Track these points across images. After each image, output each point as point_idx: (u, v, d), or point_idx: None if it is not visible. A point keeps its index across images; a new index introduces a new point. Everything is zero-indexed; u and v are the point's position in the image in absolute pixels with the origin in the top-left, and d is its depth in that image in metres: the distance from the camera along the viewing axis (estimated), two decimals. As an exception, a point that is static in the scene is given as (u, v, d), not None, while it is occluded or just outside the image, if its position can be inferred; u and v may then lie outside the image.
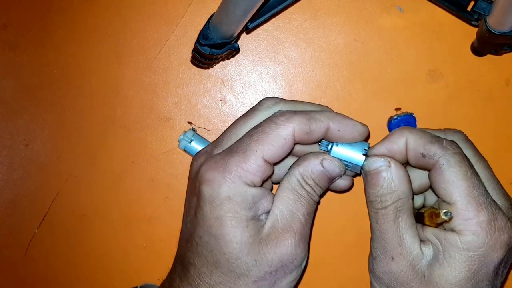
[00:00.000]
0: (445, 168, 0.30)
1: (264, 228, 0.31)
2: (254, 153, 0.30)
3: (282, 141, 0.30)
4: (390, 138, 0.32)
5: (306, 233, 0.32)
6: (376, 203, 0.31)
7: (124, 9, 0.45)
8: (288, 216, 0.31)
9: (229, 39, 0.39)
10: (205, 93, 0.45)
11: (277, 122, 0.31)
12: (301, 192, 0.32)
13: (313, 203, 0.33)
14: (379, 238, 0.31)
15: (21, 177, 0.46)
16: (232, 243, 0.30)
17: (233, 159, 0.30)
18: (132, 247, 0.45)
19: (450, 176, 0.29)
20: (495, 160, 0.44)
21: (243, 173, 0.30)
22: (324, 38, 0.44)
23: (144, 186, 0.45)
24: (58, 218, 0.46)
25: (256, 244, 0.30)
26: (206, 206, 0.30)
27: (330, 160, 0.32)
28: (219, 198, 0.30)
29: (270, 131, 0.31)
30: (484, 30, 0.38)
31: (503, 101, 0.43)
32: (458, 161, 0.30)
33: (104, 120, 0.45)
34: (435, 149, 0.30)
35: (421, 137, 0.31)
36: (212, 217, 0.30)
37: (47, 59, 0.45)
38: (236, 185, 0.30)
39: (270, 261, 0.30)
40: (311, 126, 0.31)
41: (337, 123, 0.32)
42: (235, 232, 0.30)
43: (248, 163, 0.30)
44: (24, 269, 0.46)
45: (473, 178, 0.30)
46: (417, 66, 0.43)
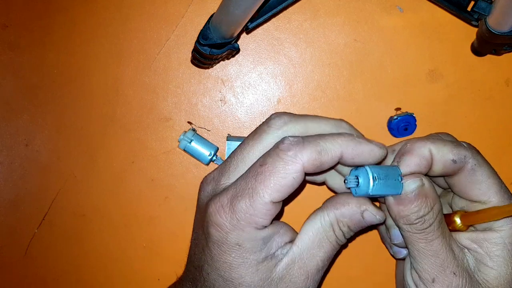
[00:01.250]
0: (477, 168, 0.30)
1: (277, 266, 0.29)
2: (261, 198, 0.28)
3: (291, 180, 0.28)
4: (414, 152, 0.30)
5: (320, 277, 0.31)
6: (421, 224, 0.29)
7: (124, 9, 0.45)
8: (307, 260, 0.30)
9: (229, 39, 0.39)
10: (205, 93, 0.45)
11: (285, 159, 0.28)
12: (329, 237, 0.30)
13: (338, 247, 0.31)
14: (431, 258, 0.29)
15: (21, 177, 0.46)
16: (242, 286, 0.29)
17: (240, 205, 0.28)
18: (132, 247, 0.45)
19: (483, 175, 0.30)
20: (495, 160, 0.44)
21: (252, 219, 0.28)
22: (324, 38, 0.44)
23: (144, 186, 0.45)
24: (58, 218, 0.46)
25: (267, 286, 0.29)
26: (214, 249, 0.29)
27: (372, 212, 0.30)
28: (228, 244, 0.29)
29: (277, 170, 0.28)
30: (484, 30, 0.38)
31: (503, 101, 0.43)
32: (484, 160, 0.31)
33: (104, 120, 0.45)
34: (464, 152, 0.30)
35: (444, 145, 0.30)
36: (221, 261, 0.29)
37: (47, 59, 0.45)
38: (245, 233, 0.28)
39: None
40: (322, 159, 0.28)
41: (351, 150, 0.29)
42: (244, 276, 0.29)
43: (256, 209, 0.28)
44: (24, 269, 0.46)
45: (497, 175, 0.31)
46: (417, 66, 0.43)
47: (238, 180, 0.29)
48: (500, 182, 0.31)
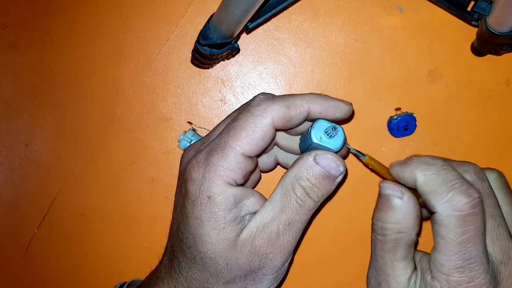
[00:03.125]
0: (437, 225, 0.27)
1: (243, 231, 0.30)
2: (232, 150, 0.29)
3: (261, 133, 0.29)
4: (405, 168, 0.30)
5: (283, 243, 0.30)
6: (377, 228, 0.30)
7: (124, 9, 0.45)
8: (268, 224, 0.30)
9: (229, 39, 0.39)
10: (205, 93, 0.45)
11: (255, 113, 0.29)
12: (290, 197, 0.30)
13: (302, 210, 0.30)
14: (373, 260, 0.31)
15: (21, 177, 0.46)
16: (207, 244, 0.29)
17: (213, 158, 0.29)
18: (132, 247, 0.45)
19: (442, 233, 0.27)
20: (495, 160, 0.44)
21: (223, 172, 0.29)
22: (324, 38, 0.44)
23: (144, 186, 0.45)
24: (58, 218, 0.46)
25: (230, 248, 0.29)
26: (189, 205, 0.30)
27: (322, 154, 0.30)
28: (200, 197, 0.29)
29: (247, 124, 0.29)
30: (484, 30, 0.38)
31: (503, 101, 0.43)
32: (455, 220, 0.27)
33: (104, 120, 0.45)
34: (434, 202, 0.28)
35: (430, 181, 0.28)
36: (193, 216, 0.30)
37: (47, 59, 0.45)
38: (216, 185, 0.29)
39: (240, 266, 0.30)
40: (291, 113, 0.30)
41: (318, 105, 0.31)
42: (211, 233, 0.29)
43: (227, 161, 0.29)
44: (24, 269, 0.46)
45: (468, 243, 0.27)
46: (417, 66, 0.43)
47: (214, 139, 0.31)
48: (464, 251, 0.27)
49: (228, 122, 0.31)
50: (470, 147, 0.44)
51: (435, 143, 0.44)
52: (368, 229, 0.44)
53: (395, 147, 0.44)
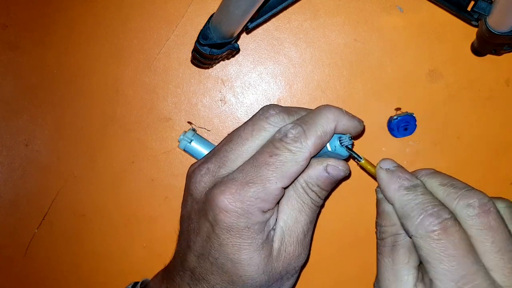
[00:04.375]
0: (418, 249, 0.28)
1: (274, 244, 0.32)
2: (274, 185, 0.30)
3: (300, 168, 0.31)
4: (387, 186, 0.31)
5: (308, 240, 0.33)
6: (377, 232, 0.31)
7: (124, 9, 0.45)
8: (293, 227, 0.32)
9: (229, 39, 0.39)
10: (205, 93, 0.45)
11: (293, 150, 0.30)
12: (305, 200, 0.32)
13: (317, 208, 0.33)
14: (377, 266, 0.31)
15: (21, 177, 0.46)
16: (250, 267, 0.31)
17: (252, 191, 0.30)
18: (132, 247, 0.45)
19: (425, 257, 0.27)
20: (495, 160, 0.44)
21: (261, 204, 0.30)
22: (324, 38, 0.44)
23: (144, 186, 0.45)
24: (58, 218, 0.46)
25: (269, 264, 0.31)
26: (223, 234, 0.31)
27: (334, 165, 0.32)
28: (238, 228, 0.30)
29: (287, 160, 0.30)
30: (484, 30, 0.38)
31: (503, 101, 0.43)
32: (430, 241, 0.27)
33: (104, 120, 0.45)
34: (408, 226, 0.28)
35: (404, 206, 0.29)
36: (230, 244, 0.31)
37: (47, 59, 0.45)
38: (254, 216, 0.30)
39: (279, 273, 0.32)
40: (324, 140, 0.31)
41: (341, 125, 0.32)
42: (252, 257, 0.31)
43: (266, 194, 0.30)
44: (24, 269, 0.46)
45: (452, 261, 0.26)
46: (417, 66, 0.43)
47: (245, 170, 0.31)
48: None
49: (263, 155, 0.31)
50: (470, 147, 0.44)
51: (435, 143, 0.44)
52: (365, 230, 0.44)
53: (395, 147, 0.44)
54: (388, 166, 0.31)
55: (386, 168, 0.31)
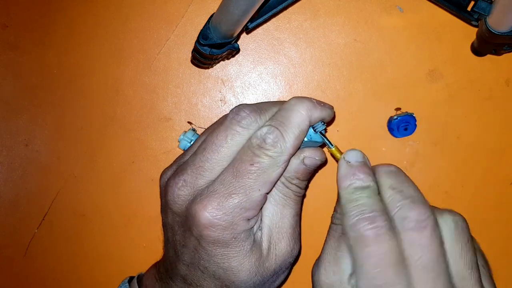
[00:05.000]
0: (350, 247, 0.28)
1: (263, 245, 0.32)
2: (257, 192, 0.30)
3: (281, 170, 0.31)
4: (340, 181, 0.30)
5: (298, 233, 0.33)
6: (332, 216, 0.31)
7: (124, 9, 0.45)
8: (280, 223, 0.32)
9: (229, 39, 0.39)
10: (205, 93, 0.45)
11: (273, 156, 0.30)
12: (287, 194, 0.32)
13: (300, 199, 0.33)
14: (324, 245, 0.31)
15: (21, 177, 0.46)
16: (241, 272, 0.31)
17: (235, 202, 0.30)
18: (132, 247, 0.45)
19: (354, 256, 0.28)
20: (495, 160, 0.44)
21: (246, 214, 0.30)
22: (324, 38, 0.44)
23: (144, 186, 0.45)
24: (58, 218, 0.46)
25: (261, 265, 0.32)
26: (209, 247, 0.31)
27: (310, 157, 0.32)
28: (224, 240, 0.30)
29: (268, 167, 0.30)
30: (484, 30, 0.38)
31: (503, 101, 0.43)
32: (360, 243, 0.27)
33: (104, 120, 0.45)
34: (344, 223, 0.28)
35: (347, 203, 0.29)
36: (218, 254, 0.31)
37: (47, 59, 0.45)
38: (240, 226, 0.30)
39: (272, 271, 0.32)
40: (301, 139, 0.31)
41: (317, 116, 0.32)
42: (243, 263, 0.31)
43: (251, 203, 0.30)
44: (24, 269, 0.46)
45: (375, 268, 0.27)
46: (417, 66, 0.43)
47: (226, 180, 0.30)
48: None
49: (245, 166, 0.30)
50: (470, 147, 0.44)
51: (435, 143, 0.44)
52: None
53: (395, 147, 0.44)
54: (351, 159, 0.30)
55: (347, 160, 0.30)
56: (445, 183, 0.44)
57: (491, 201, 0.44)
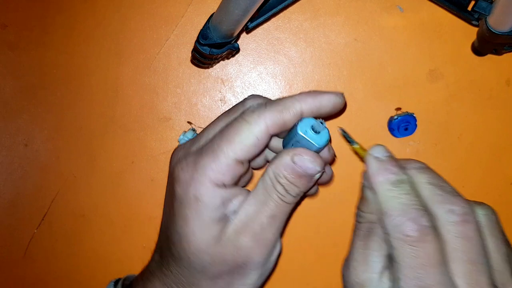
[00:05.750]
0: (391, 248, 0.27)
1: (227, 229, 0.30)
2: (224, 154, 0.29)
3: (254, 140, 0.30)
4: (373, 177, 0.29)
5: (267, 237, 0.31)
6: (356, 215, 0.30)
7: (123, 9, 0.45)
8: (251, 218, 0.30)
9: (229, 39, 0.39)
10: (205, 93, 0.45)
11: (248, 120, 0.30)
12: (271, 193, 0.31)
13: (284, 205, 0.31)
14: (350, 244, 0.30)
15: (21, 177, 0.46)
16: (192, 242, 0.30)
17: (203, 160, 0.30)
18: (132, 247, 0.45)
19: (395, 257, 0.27)
20: (495, 160, 0.44)
21: (213, 174, 0.29)
22: (324, 38, 0.44)
23: (144, 186, 0.45)
24: (58, 218, 0.46)
25: (215, 244, 0.30)
26: (176, 205, 0.31)
27: (300, 155, 0.30)
28: (187, 198, 0.30)
29: (241, 130, 0.30)
30: (485, 30, 0.38)
31: (503, 101, 0.43)
32: (404, 245, 0.26)
33: (104, 120, 0.45)
34: (386, 223, 0.27)
35: (387, 201, 0.28)
36: (179, 215, 0.30)
37: (47, 59, 0.45)
38: (204, 186, 0.29)
39: (226, 261, 0.30)
40: (285, 117, 0.30)
41: (309, 104, 0.31)
42: (196, 231, 0.30)
43: (218, 164, 0.29)
44: (24, 269, 0.46)
45: (420, 269, 0.26)
46: (417, 66, 0.43)
47: (203, 143, 0.31)
48: None
49: (222, 127, 0.31)
50: (470, 147, 0.44)
51: (435, 143, 0.44)
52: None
53: (395, 147, 0.44)
54: (378, 154, 0.29)
55: (376, 156, 0.29)
56: (445, 183, 0.44)
57: (491, 201, 0.44)
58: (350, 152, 0.42)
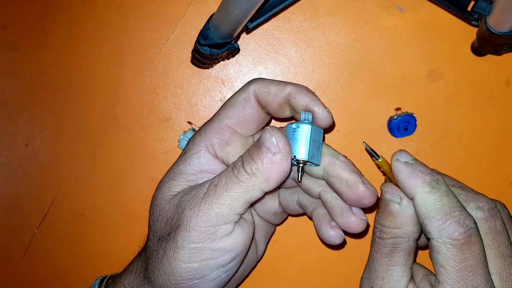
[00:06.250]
0: (435, 252, 0.27)
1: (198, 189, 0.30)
2: (217, 116, 0.32)
3: (242, 101, 0.32)
4: (408, 181, 0.29)
5: (204, 207, 0.28)
6: (377, 231, 0.30)
7: (124, 9, 0.45)
8: (202, 182, 0.30)
9: (229, 39, 0.39)
10: (205, 93, 0.45)
11: (242, 88, 0.33)
12: (230, 166, 0.29)
13: (236, 180, 0.28)
14: (369, 263, 0.30)
15: (21, 177, 0.46)
16: (156, 192, 0.32)
17: (204, 125, 0.33)
18: (132, 247, 0.45)
19: (441, 261, 0.27)
20: (495, 160, 0.44)
21: (206, 135, 0.32)
22: (324, 38, 0.44)
23: (144, 186, 0.45)
24: (58, 218, 0.46)
25: (167, 200, 0.31)
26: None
27: (267, 130, 0.29)
28: (180, 154, 0.32)
29: (233, 96, 0.33)
30: (484, 30, 0.38)
31: (503, 101, 0.43)
32: (451, 248, 0.26)
33: (104, 120, 0.45)
34: (430, 228, 0.27)
35: (429, 206, 0.27)
36: (169, 170, 0.33)
37: (47, 59, 0.45)
38: (194, 145, 0.31)
39: (167, 219, 0.30)
40: (271, 88, 0.32)
41: (298, 92, 0.31)
42: (163, 181, 0.32)
43: (211, 125, 0.32)
44: (24, 269, 0.46)
45: (468, 272, 0.26)
46: (417, 66, 0.43)
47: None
48: (465, 279, 0.27)
49: None
50: (470, 147, 0.44)
51: (435, 143, 0.44)
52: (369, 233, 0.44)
53: (395, 147, 0.44)
54: (406, 159, 0.29)
55: (404, 161, 0.29)
56: (445, 183, 0.44)
57: (491, 201, 0.44)
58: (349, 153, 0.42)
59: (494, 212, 0.28)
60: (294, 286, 0.45)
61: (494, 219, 0.28)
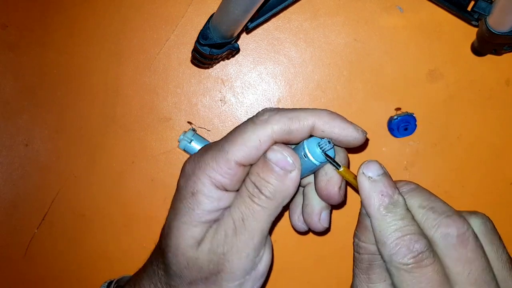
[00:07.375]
0: (391, 276, 0.27)
1: (209, 233, 0.29)
2: (225, 154, 0.28)
3: (256, 142, 0.28)
4: (367, 200, 0.28)
5: (239, 243, 0.28)
6: (355, 245, 0.29)
7: (124, 9, 0.45)
8: (225, 219, 0.29)
9: (229, 39, 0.39)
10: (205, 93, 0.45)
11: (256, 122, 0.28)
12: (244, 192, 0.29)
13: (257, 207, 0.28)
14: (353, 276, 0.29)
15: (21, 177, 0.46)
16: (174, 237, 0.29)
17: (205, 157, 0.29)
18: (132, 247, 0.45)
19: (398, 285, 0.26)
20: (495, 160, 0.44)
21: (212, 173, 0.28)
22: (324, 38, 0.44)
23: (144, 186, 0.45)
24: (58, 218, 0.46)
25: (193, 246, 0.29)
26: (175, 197, 0.30)
27: (273, 148, 0.28)
28: (185, 191, 0.29)
29: (246, 131, 0.28)
30: (484, 30, 0.38)
31: (503, 101, 0.43)
32: (404, 273, 0.26)
33: (104, 120, 0.45)
34: (383, 253, 0.27)
35: (382, 230, 0.27)
36: (174, 207, 0.30)
37: (47, 59, 0.45)
38: (201, 183, 0.28)
39: (200, 267, 0.29)
40: (292, 125, 0.28)
41: (322, 122, 0.29)
42: (181, 227, 0.29)
43: (218, 163, 0.28)
44: (24, 269, 0.46)
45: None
46: (417, 66, 0.43)
47: (213, 143, 0.31)
48: None
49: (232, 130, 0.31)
50: (470, 147, 0.44)
51: (435, 143, 0.44)
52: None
53: (395, 147, 0.44)
54: (371, 173, 0.27)
55: (368, 176, 0.27)
56: (445, 183, 0.44)
57: (491, 201, 0.44)
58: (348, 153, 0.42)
59: (464, 237, 0.26)
60: (294, 285, 0.45)
61: (464, 245, 0.26)
